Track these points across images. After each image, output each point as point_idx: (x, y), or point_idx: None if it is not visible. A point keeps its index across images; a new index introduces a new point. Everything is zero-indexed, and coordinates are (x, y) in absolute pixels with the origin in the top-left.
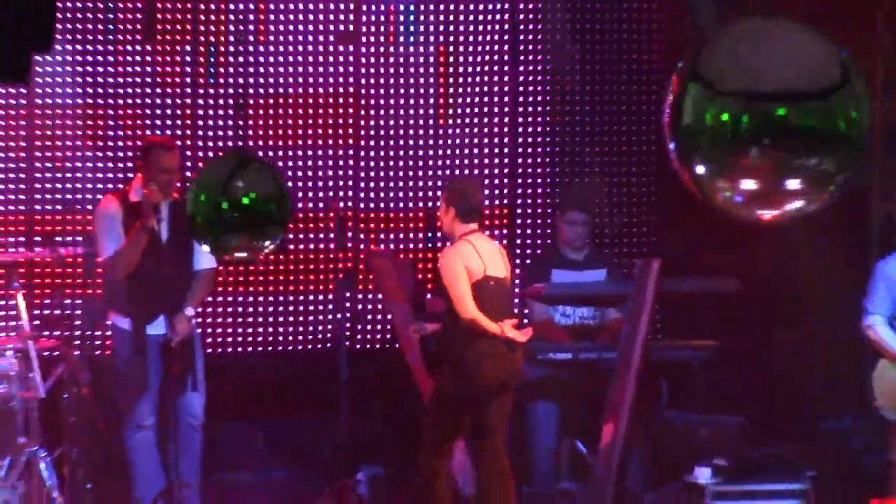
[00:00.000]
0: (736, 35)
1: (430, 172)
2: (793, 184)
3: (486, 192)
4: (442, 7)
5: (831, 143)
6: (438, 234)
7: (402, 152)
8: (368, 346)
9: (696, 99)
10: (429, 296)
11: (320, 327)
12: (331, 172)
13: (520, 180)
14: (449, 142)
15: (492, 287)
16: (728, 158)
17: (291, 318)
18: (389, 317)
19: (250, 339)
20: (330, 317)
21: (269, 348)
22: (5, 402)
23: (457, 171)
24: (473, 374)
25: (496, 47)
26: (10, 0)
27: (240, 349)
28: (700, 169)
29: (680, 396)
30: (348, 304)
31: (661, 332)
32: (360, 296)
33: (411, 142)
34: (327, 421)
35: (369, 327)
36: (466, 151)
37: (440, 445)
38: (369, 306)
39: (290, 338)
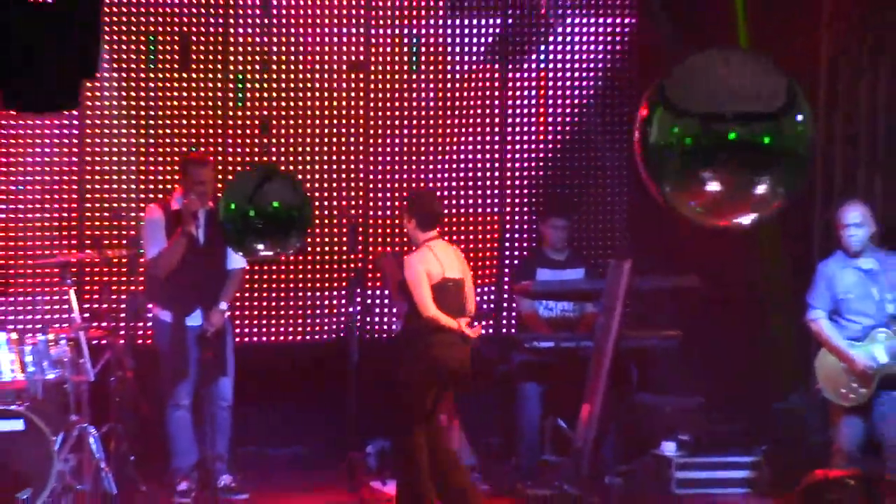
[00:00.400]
0: (697, 64)
1: (430, 185)
2: (746, 195)
3: (479, 201)
4: (441, 40)
5: (780, 159)
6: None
7: (405, 167)
8: (376, 335)
9: (661, 120)
10: None
11: (334, 319)
12: (343, 185)
13: (508, 191)
14: (447, 157)
15: (450, 287)
16: (688, 172)
17: (309, 311)
18: (394, 310)
19: (273, 329)
20: (342, 310)
21: (290, 337)
22: (59, 384)
23: (453, 184)
24: (433, 361)
25: (488, 75)
26: (58, 34)
27: (264, 338)
28: (664, 181)
29: (648, 380)
30: (358, 299)
31: (632, 323)
32: (368, 292)
33: (413, 157)
34: (340, 401)
35: (377, 319)
36: (462, 166)
37: (416, 423)
38: (377, 301)
39: (308, 328)
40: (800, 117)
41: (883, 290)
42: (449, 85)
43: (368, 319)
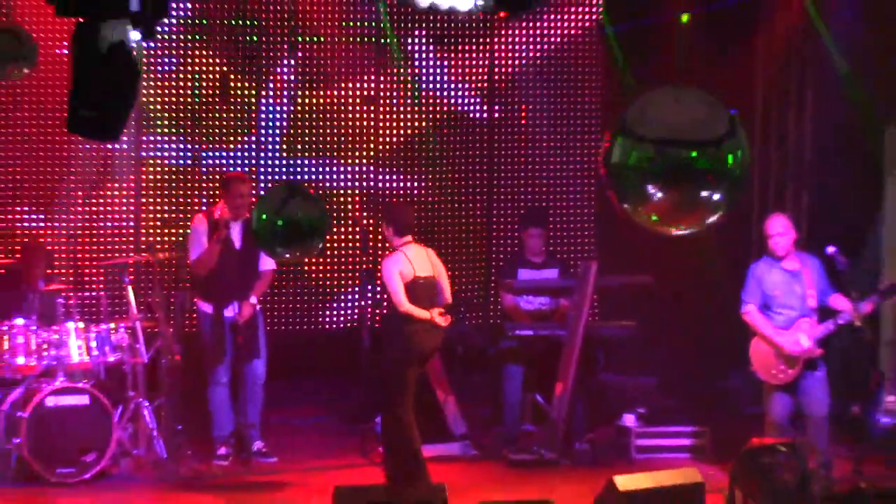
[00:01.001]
0: (653, 99)
1: (431, 199)
2: (691, 209)
3: (470, 213)
4: (438, 78)
5: (722, 178)
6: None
7: (408, 184)
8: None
9: (622, 145)
10: None
11: (348, 311)
12: (357, 198)
13: (495, 204)
14: (441, 177)
15: (421, 284)
16: (645, 188)
17: (327, 304)
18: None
19: (298, 319)
20: (355, 303)
21: (312, 326)
22: (119, 365)
23: (447, 198)
24: (411, 346)
25: (477, 107)
26: (101, 75)
27: (291, 327)
28: (624, 196)
29: (611, 362)
30: (369, 294)
31: (598, 314)
32: (377, 288)
33: (414, 176)
34: (353, 380)
35: (384, 311)
36: (455, 184)
37: (404, 399)
38: (384, 295)
39: (326, 318)
40: (738, 144)
41: (804, 287)
42: (446, 115)
43: (377, 311)
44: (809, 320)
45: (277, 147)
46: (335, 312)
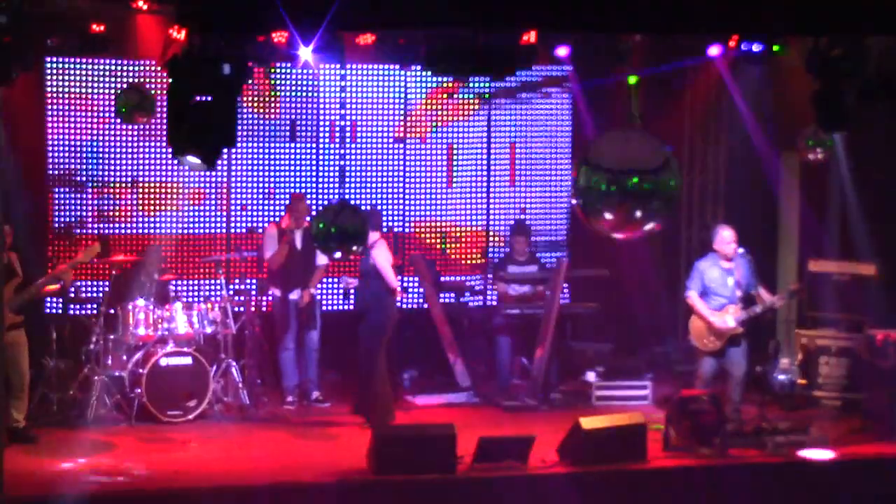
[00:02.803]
0: (609, 137)
1: (439, 214)
2: (637, 220)
3: (472, 222)
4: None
5: (659, 198)
6: (448, 246)
7: (427, 201)
8: (407, 305)
9: (586, 172)
10: (441, 279)
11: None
12: (390, 210)
13: (492, 216)
14: (451, 194)
15: (393, 266)
16: (603, 206)
17: None
18: (422, 290)
19: (346, 301)
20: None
21: (352, 306)
22: (213, 335)
23: (456, 211)
24: (391, 314)
25: (477, 145)
26: (203, 111)
27: (340, 307)
28: (589, 211)
29: (577, 333)
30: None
31: (568, 297)
32: (405, 279)
33: (425, 199)
34: (387, 347)
35: (408, 296)
36: (460, 202)
37: (381, 349)
38: (408, 285)
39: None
40: (671, 173)
41: (735, 281)
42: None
43: (405, 296)
44: (735, 307)
45: (328, 174)
46: None
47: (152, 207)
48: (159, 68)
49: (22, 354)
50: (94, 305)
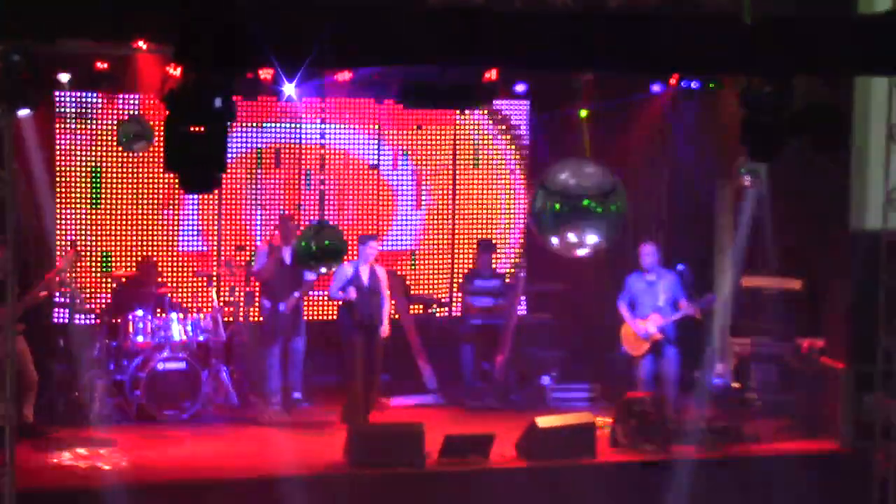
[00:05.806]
0: (564, 165)
1: (409, 234)
2: (588, 239)
3: (440, 242)
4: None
5: (606, 219)
6: (416, 264)
7: (404, 223)
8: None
9: (542, 196)
10: (411, 292)
11: None
12: (370, 231)
13: (457, 238)
14: (421, 220)
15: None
16: (557, 226)
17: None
18: (394, 302)
19: (326, 311)
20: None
21: (331, 316)
22: (205, 343)
23: (423, 234)
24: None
25: (443, 172)
26: (197, 141)
27: (322, 318)
28: (543, 230)
29: (534, 341)
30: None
31: (525, 309)
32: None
33: (405, 216)
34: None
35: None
36: (429, 224)
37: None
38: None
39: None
40: (619, 197)
41: (658, 292)
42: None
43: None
44: (656, 315)
45: (311, 198)
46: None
47: (151, 226)
48: (158, 101)
49: (24, 358)
50: (97, 315)
